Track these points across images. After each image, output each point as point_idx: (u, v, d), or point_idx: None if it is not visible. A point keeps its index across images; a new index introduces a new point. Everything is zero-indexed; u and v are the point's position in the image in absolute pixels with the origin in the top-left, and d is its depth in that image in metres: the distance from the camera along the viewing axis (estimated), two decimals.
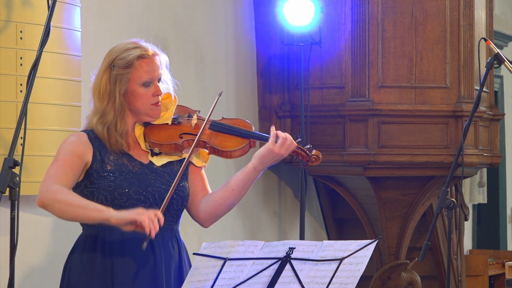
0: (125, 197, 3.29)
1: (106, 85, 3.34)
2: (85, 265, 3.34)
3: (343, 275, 2.91)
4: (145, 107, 3.36)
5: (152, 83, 3.35)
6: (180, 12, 5.69)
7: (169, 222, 3.37)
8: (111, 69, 3.34)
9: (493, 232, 10.24)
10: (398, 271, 6.33)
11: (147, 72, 3.34)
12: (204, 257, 2.97)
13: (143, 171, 3.34)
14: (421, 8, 5.98)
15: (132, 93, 3.34)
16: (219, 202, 3.41)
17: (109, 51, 3.38)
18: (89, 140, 3.34)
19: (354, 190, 6.40)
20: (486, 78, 3.85)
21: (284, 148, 3.34)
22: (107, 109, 3.33)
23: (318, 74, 6.10)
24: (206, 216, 3.45)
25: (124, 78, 3.32)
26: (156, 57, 3.38)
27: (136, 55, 3.33)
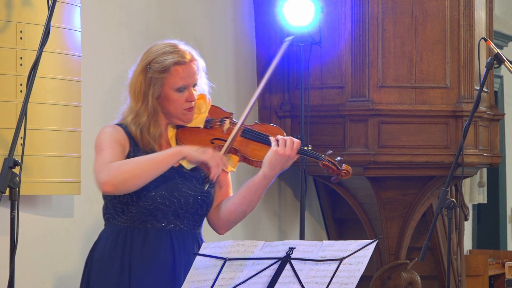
0: (150, 200, 3.30)
1: (141, 86, 3.33)
2: (105, 262, 3.34)
3: (343, 275, 2.91)
4: (177, 111, 3.35)
5: (186, 89, 3.34)
6: (180, 12, 5.69)
7: (192, 226, 3.37)
8: (147, 70, 3.33)
9: (493, 232, 10.24)
10: (398, 271, 6.33)
11: (182, 78, 3.33)
12: (204, 257, 2.97)
13: (172, 174, 3.34)
14: (421, 8, 5.98)
15: (166, 97, 3.33)
16: (231, 209, 3.42)
17: (147, 51, 3.37)
18: (125, 134, 3.34)
19: (354, 190, 6.40)
20: (486, 78, 3.85)
21: (289, 148, 3.33)
22: (141, 111, 3.33)
23: (318, 74, 6.10)
24: (221, 223, 3.45)
25: (158, 82, 3.31)
26: (193, 63, 3.36)
27: (173, 61, 3.31)
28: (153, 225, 3.30)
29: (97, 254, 3.38)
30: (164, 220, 3.31)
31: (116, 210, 3.33)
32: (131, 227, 3.30)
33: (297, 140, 3.36)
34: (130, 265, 3.30)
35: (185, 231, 3.34)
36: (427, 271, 6.79)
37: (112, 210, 3.35)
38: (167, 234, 3.31)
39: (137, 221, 3.30)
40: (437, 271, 6.82)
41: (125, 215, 3.32)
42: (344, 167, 3.41)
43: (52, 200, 4.66)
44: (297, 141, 3.36)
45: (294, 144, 3.34)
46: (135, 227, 3.30)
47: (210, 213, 3.45)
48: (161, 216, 3.31)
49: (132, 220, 3.31)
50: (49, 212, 4.65)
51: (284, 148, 3.32)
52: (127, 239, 3.32)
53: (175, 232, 3.31)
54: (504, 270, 5.94)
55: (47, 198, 4.62)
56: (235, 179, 3.68)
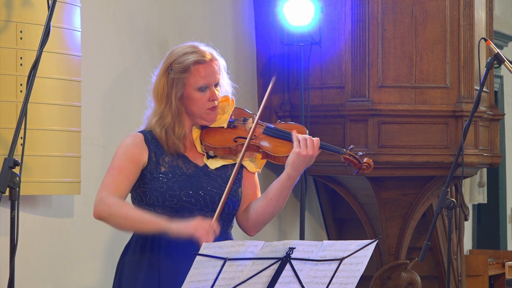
0: (175, 199, 3.32)
1: (164, 88, 3.37)
2: (135, 264, 3.37)
3: (343, 275, 2.91)
4: (200, 111, 3.39)
5: (208, 88, 3.38)
6: (180, 12, 5.69)
7: (222, 225, 3.38)
8: (168, 72, 3.37)
9: (493, 232, 10.24)
10: (398, 271, 6.33)
11: (203, 77, 3.36)
12: (204, 257, 2.97)
13: (197, 173, 3.37)
14: (421, 8, 5.98)
15: (188, 97, 3.37)
16: (259, 211, 3.44)
17: (169, 54, 3.42)
18: (145, 142, 3.38)
19: (354, 190, 6.40)
20: (486, 78, 3.86)
21: (310, 148, 3.34)
22: (165, 112, 3.36)
23: (318, 74, 6.10)
24: (250, 225, 3.48)
25: (180, 82, 3.35)
26: (214, 62, 3.41)
27: (193, 60, 3.35)
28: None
29: (128, 257, 3.42)
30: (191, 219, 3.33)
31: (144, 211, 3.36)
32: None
33: (316, 138, 3.37)
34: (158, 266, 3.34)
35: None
36: (427, 271, 6.79)
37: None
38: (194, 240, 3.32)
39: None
40: (437, 271, 6.82)
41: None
42: (365, 160, 3.43)
43: (52, 200, 4.66)
44: (316, 139, 3.37)
45: (314, 143, 3.35)
46: None
47: (239, 216, 3.48)
48: (188, 215, 3.33)
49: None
50: (49, 212, 4.65)
51: (305, 149, 3.34)
52: (155, 240, 3.34)
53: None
54: (504, 270, 5.94)
55: (47, 198, 4.62)
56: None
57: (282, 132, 3.42)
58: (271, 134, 3.42)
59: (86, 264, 4.89)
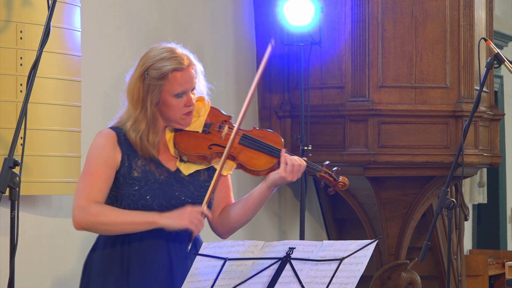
0: (148, 209, 3.30)
1: (139, 92, 3.30)
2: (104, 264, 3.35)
3: (343, 275, 2.91)
4: (176, 116, 3.33)
5: (185, 94, 3.32)
6: (180, 12, 5.69)
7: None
8: (144, 77, 3.29)
9: (493, 232, 10.24)
10: (398, 271, 6.33)
11: (180, 84, 3.30)
12: (204, 257, 2.97)
13: (169, 180, 3.34)
14: (421, 8, 5.98)
15: (164, 103, 3.31)
16: (236, 218, 3.45)
17: (145, 56, 3.33)
18: (117, 143, 3.33)
19: (354, 190, 6.39)
20: (486, 78, 3.85)
21: (296, 173, 3.34)
22: (140, 117, 3.30)
23: (318, 74, 6.10)
24: (225, 229, 3.48)
25: (156, 89, 3.29)
26: (191, 68, 3.33)
27: (171, 68, 3.28)
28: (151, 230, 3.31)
29: (96, 258, 3.39)
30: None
31: None
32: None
33: (304, 163, 3.36)
34: (128, 268, 3.31)
35: (181, 234, 3.34)
36: (427, 271, 6.79)
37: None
38: (164, 238, 3.32)
39: None
40: (437, 271, 6.82)
41: None
42: (341, 179, 3.42)
43: (52, 200, 4.66)
44: (304, 164, 3.36)
45: (301, 168, 3.35)
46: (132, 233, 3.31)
47: (213, 220, 3.46)
48: None
49: None
50: (49, 212, 4.65)
51: (291, 174, 3.34)
52: (125, 242, 3.32)
53: (171, 235, 3.32)
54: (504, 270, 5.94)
55: (47, 198, 4.62)
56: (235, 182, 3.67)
57: (261, 144, 3.38)
58: (247, 144, 3.38)
59: None
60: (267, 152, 3.36)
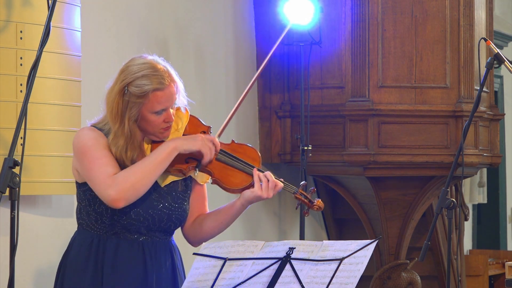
0: (124, 216, 3.28)
1: (118, 107, 3.25)
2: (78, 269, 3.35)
3: (343, 275, 2.91)
4: (154, 130, 3.30)
5: (164, 111, 3.27)
6: (180, 12, 5.69)
7: (164, 237, 3.38)
8: (124, 92, 3.25)
9: (493, 232, 10.24)
10: (398, 271, 6.33)
11: (160, 103, 3.25)
12: (204, 257, 2.97)
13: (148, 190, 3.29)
14: (421, 8, 5.98)
15: (143, 118, 3.27)
16: (208, 231, 3.43)
17: (125, 70, 3.29)
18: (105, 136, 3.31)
19: (354, 190, 6.39)
20: (486, 78, 3.86)
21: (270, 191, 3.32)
22: (119, 133, 3.25)
23: (318, 74, 6.10)
24: (196, 239, 3.47)
25: (135, 106, 3.24)
26: (172, 85, 3.27)
27: (152, 88, 3.22)
28: (126, 237, 3.30)
29: (71, 258, 3.39)
30: (137, 233, 3.31)
31: (90, 218, 3.32)
32: (104, 237, 3.31)
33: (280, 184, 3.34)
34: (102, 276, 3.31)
35: (157, 241, 3.35)
36: (427, 271, 6.79)
37: (86, 217, 3.33)
38: (139, 245, 3.32)
39: (110, 231, 3.30)
40: (437, 271, 6.82)
41: (98, 224, 3.31)
42: (315, 202, 3.39)
43: (52, 200, 4.66)
44: (280, 184, 3.34)
45: (276, 187, 3.33)
46: (108, 238, 3.31)
47: (186, 228, 3.45)
48: (134, 230, 3.31)
49: (105, 230, 3.31)
50: (49, 212, 4.65)
51: (266, 192, 3.32)
52: (100, 249, 3.31)
53: (147, 243, 3.32)
54: (504, 270, 5.94)
55: (47, 198, 4.62)
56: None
57: (238, 161, 3.36)
58: (224, 160, 3.36)
59: None
60: (243, 169, 3.34)
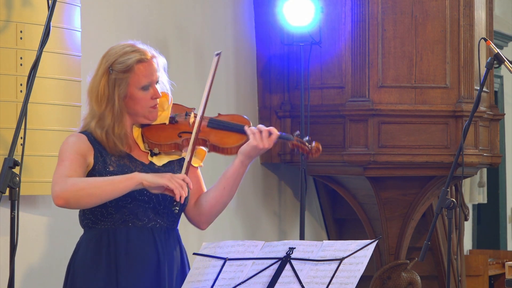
0: (129, 198, 3.29)
1: (105, 89, 3.32)
2: (89, 266, 3.34)
3: (343, 275, 2.91)
4: (144, 110, 3.35)
5: (150, 86, 3.34)
6: (180, 12, 5.69)
7: (171, 222, 3.39)
8: (109, 73, 3.32)
9: (493, 232, 10.24)
10: (398, 271, 6.33)
11: (146, 76, 3.33)
12: (204, 257, 2.97)
13: (145, 171, 3.33)
14: (421, 8, 5.98)
15: (131, 96, 3.33)
16: (212, 202, 3.42)
17: (106, 54, 3.36)
18: (89, 141, 3.33)
19: (354, 190, 6.39)
20: (486, 78, 3.86)
21: (265, 140, 3.34)
22: (106, 113, 3.31)
23: (318, 74, 6.10)
24: (203, 218, 3.46)
25: (123, 82, 3.31)
26: (154, 60, 3.37)
27: (136, 60, 3.31)
28: (135, 224, 3.31)
29: (79, 259, 3.38)
30: (145, 218, 3.32)
31: (96, 214, 3.33)
32: (113, 228, 3.31)
33: (276, 132, 3.37)
34: (116, 265, 3.30)
35: (166, 228, 3.36)
36: (427, 271, 6.79)
37: (91, 215, 3.34)
38: (149, 231, 3.32)
39: (118, 221, 3.31)
40: (437, 271, 6.82)
41: (105, 217, 3.32)
42: (314, 144, 3.44)
43: (52, 200, 4.65)
44: (276, 133, 3.37)
45: (273, 136, 3.36)
46: (117, 228, 3.31)
47: (189, 211, 3.46)
48: (142, 214, 3.32)
49: (113, 221, 3.31)
50: (49, 212, 4.65)
51: (262, 141, 3.34)
52: (110, 240, 3.31)
53: (156, 229, 3.33)
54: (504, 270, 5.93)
55: (47, 198, 4.62)
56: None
57: (228, 124, 3.41)
58: (216, 126, 3.40)
59: None
60: (236, 130, 3.39)
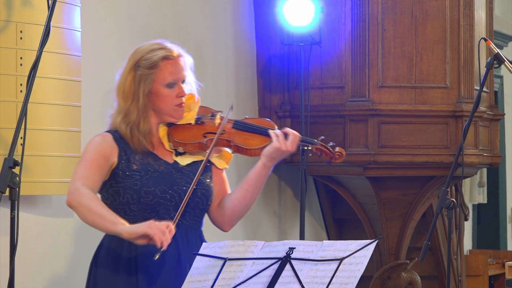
0: (151, 196, 3.31)
1: (131, 85, 3.37)
2: (111, 262, 3.36)
3: (343, 275, 2.91)
4: (168, 107, 3.38)
5: (176, 84, 3.38)
6: (180, 12, 5.69)
7: (194, 221, 3.40)
8: (135, 69, 3.36)
9: (493, 232, 10.24)
10: (398, 271, 6.33)
11: (171, 73, 3.37)
12: (204, 257, 2.97)
13: (169, 170, 3.37)
14: (421, 8, 5.98)
15: (156, 93, 3.37)
16: (235, 203, 3.45)
17: (134, 51, 3.41)
18: (114, 140, 3.37)
19: (354, 190, 6.39)
20: (486, 78, 3.86)
21: (290, 143, 3.37)
22: (131, 109, 3.36)
23: (318, 74, 6.10)
24: (226, 219, 3.49)
25: (148, 78, 3.35)
26: (181, 59, 3.40)
27: (161, 56, 3.35)
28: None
29: (102, 256, 3.40)
30: (166, 216, 3.33)
31: (118, 211, 3.34)
32: None
33: (298, 134, 3.41)
34: (136, 263, 3.32)
35: (187, 226, 3.38)
36: (427, 271, 6.79)
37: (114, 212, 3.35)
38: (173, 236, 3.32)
39: (140, 219, 3.31)
40: (437, 271, 6.82)
41: (127, 215, 3.33)
42: (337, 150, 3.46)
43: (52, 200, 4.66)
44: (298, 136, 3.41)
45: (296, 139, 3.39)
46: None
47: (212, 212, 3.48)
48: (163, 212, 3.33)
49: (135, 219, 3.32)
50: (49, 212, 4.65)
51: (285, 144, 3.37)
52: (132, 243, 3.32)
53: (178, 227, 3.33)
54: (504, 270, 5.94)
55: (47, 198, 4.62)
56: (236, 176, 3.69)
57: (253, 126, 3.44)
58: (240, 128, 3.44)
59: (86, 264, 4.88)
60: (260, 132, 3.42)
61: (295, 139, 3.39)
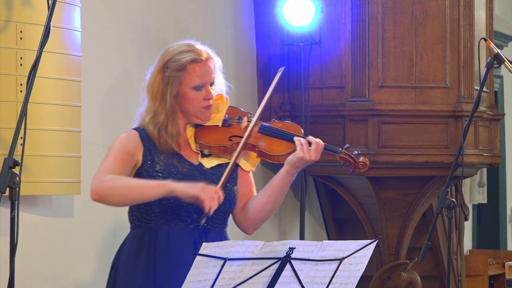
0: (172, 198, 3.31)
1: (159, 85, 3.37)
2: (131, 262, 3.38)
3: (343, 275, 2.91)
4: (195, 109, 3.39)
5: (204, 87, 3.38)
6: (180, 12, 5.69)
7: (216, 224, 3.41)
8: (164, 70, 3.37)
9: (493, 232, 10.24)
10: (398, 271, 6.33)
11: (199, 76, 3.37)
12: (204, 257, 2.97)
13: (192, 172, 3.38)
14: (421, 8, 5.98)
15: (183, 95, 3.37)
16: (258, 208, 3.47)
17: (165, 52, 3.42)
18: (140, 138, 3.39)
19: (354, 190, 6.39)
20: (486, 78, 3.86)
21: (313, 153, 3.36)
22: (159, 110, 3.36)
23: (318, 74, 6.10)
24: (249, 223, 3.51)
25: (176, 80, 3.35)
26: (210, 61, 3.41)
27: (189, 59, 3.35)
28: (177, 224, 3.34)
29: (123, 255, 3.43)
30: (187, 219, 3.34)
31: (141, 211, 3.37)
32: (155, 227, 3.35)
33: (322, 143, 3.39)
34: (155, 264, 3.34)
35: (208, 229, 3.38)
36: (427, 271, 6.79)
37: (137, 212, 3.39)
38: (190, 232, 3.35)
39: (161, 220, 3.34)
40: (437, 271, 6.82)
41: (149, 215, 3.35)
42: (361, 160, 3.45)
43: (52, 200, 4.66)
44: (322, 144, 3.40)
45: (319, 148, 3.38)
46: (159, 227, 3.35)
47: (236, 214, 3.50)
48: (184, 215, 3.34)
49: (156, 220, 3.34)
50: (49, 212, 4.65)
51: (309, 153, 3.37)
52: (152, 239, 3.35)
53: (198, 230, 3.34)
54: (504, 270, 5.94)
55: (47, 198, 4.62)
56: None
57: (279, 131, 3.43)
58: (266, 133, 3.43)
59: (86, 264, 4.89)
60: (285, 139, 3.41)
61: (319, 148, 3.38)
